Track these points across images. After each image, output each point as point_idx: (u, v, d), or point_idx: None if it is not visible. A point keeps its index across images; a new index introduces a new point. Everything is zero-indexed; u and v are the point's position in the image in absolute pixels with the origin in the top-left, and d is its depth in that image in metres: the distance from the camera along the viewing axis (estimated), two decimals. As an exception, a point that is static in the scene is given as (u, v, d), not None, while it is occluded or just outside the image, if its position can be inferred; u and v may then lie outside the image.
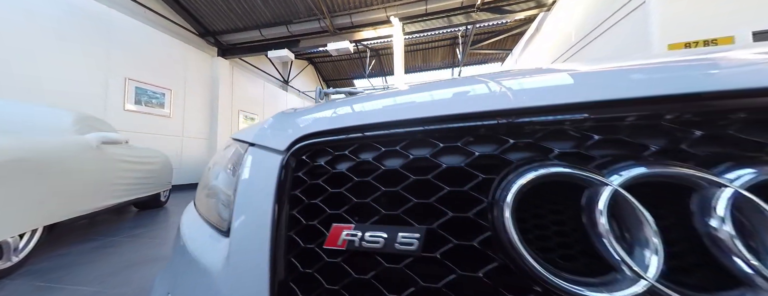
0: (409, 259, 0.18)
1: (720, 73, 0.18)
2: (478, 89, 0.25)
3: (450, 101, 0.23)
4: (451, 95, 0.24)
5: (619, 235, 0.14)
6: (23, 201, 1.13)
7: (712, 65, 0.20)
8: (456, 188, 0.18)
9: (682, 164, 0.14)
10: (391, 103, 0.27)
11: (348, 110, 0.27)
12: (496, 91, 0.23)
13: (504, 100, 0.20)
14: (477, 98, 0.23)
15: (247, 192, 0.25)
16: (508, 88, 0.23)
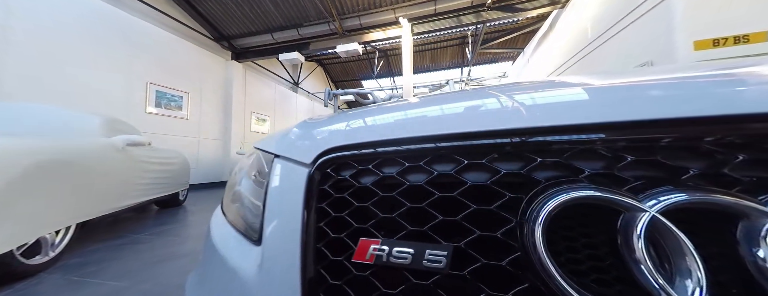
0: (436, 276, 0.18)
1: (758, 91, 0.18)
2: (501, 104, 0.25)
3: (474, 117, 0.23)
4: (474, 111, 0.25)
5: (658, 262, 0.14)
6: (60, 199, 1.21)
7: (746, 82, 0.20)
8: (483, 207, 0.19)
9: (724, 191, 0.14)
10: (414, 117, 0.27)
11: (371, 123, 0.28)
12: (520, 107, 0.23)
13: (530, 117, 0.21)
14: (501, 113, 0.23)
15: (276, 204, 0.26)
16: (534, 104, 0.23)
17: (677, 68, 0.31)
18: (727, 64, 0.28)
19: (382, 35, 4.82)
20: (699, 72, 0.24)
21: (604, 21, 2.78)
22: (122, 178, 1.71)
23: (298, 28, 5.20)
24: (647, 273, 0.13)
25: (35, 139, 1.15)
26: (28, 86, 2.75)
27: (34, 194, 1.07)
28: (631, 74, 0.28)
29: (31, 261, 1.14)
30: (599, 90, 0.23)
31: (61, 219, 1.24)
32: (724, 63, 0.31)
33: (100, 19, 3.43)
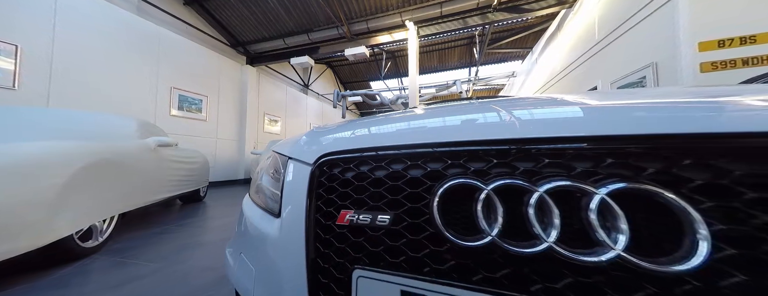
0: (382, 230, 0.30)
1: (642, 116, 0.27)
2: (427, 123, 0.37)
3: (417, 133, 0.36)
4: (417, 128, 0.37)
5: (545, 218, 0.24)
6: (106, 193, 1.42)
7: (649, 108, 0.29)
8: (414, 190, 0.30)
9: (577, 179, 0.24)
10: (377, 132, 0.40)
11: (352, 135, 0.41)
12: (437, 126, 0.35)
13: (450, 133, 0.32)
14: (431, 130, 0.35)
15: (290, 191, 0.39)
16: (455, 123, 0.34)
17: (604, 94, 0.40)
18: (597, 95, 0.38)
19: (389, 38, 4.94)
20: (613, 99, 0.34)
21: (610, 21, 2.76)
22: (154, 175, 1.93)
23: (308, 33, 5.41)
24: (535, 222, 0.24)
25: (86, 142, 1.36)
26: (75, 89, 3.09)
27: (86, 189, 1.27)
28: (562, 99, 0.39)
29: (86, 244, 1.35)
30: (516, 113, 0.33)
31: (107, 210, 1.45)
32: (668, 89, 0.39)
33: (131, 29, 3.77)
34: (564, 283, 0.23)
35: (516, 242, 0.25)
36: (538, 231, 0.24)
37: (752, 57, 1.73)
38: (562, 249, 0.23)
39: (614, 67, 2.71)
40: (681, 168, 0.22)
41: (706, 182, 0.21)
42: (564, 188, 0.24)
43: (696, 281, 0.20)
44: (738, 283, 0.19)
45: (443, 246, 0.27)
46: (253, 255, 0.41)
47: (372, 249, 0.30)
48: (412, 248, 0.29)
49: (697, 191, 0.21)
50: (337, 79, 10.20)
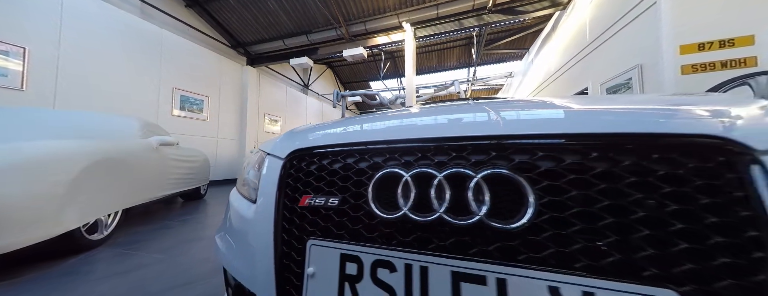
0: (332, 211, 0.38)
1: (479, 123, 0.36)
2: (378, 125, 0.45)
3: (368, 133, 0.44)
4: (369, 128, 0.45)
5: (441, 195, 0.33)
6: (111, 190, 1.51)
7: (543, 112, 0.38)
8: (359, 179, 0.38)
9: (464, 167, 0.32)
10: (334, 132, 0.48)
11: (314, 135, 0.49)
12: (382, 128, 0.43)
13: (389, 134, 0.40)
14: (382, 130, 0.43)
15: (266, 180, 0.47)
16: (396, 125, 0.42)
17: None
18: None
19: (387, 39, 5.01)
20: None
21: (600, 24, 2.82)
22: (156, 173, 2.02)
23: (307, 34, 5.50)
24: (434, 199, 0.32)
25: (92, 141, 1.45)
26: (80, 90, 3.20)
27: (92, 185, 1.36)
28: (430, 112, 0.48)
29: (92, 236, 1.44)
30: (442, 117, 0.42)
31: (112, 205, 1.54)
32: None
33: (134, 31, 3.87)
34: (450, 242, 0.32)
35: (421, 214, 0.32)
36: (436, 205, 0.32)
37: (731, 60, 1.79)
38: (449, 218, 0.31)
39: (604, 69, 2.76)
40: (528, 159, 0.30)
41: (539, 170, 0.30)
42: (456, 173, 0.32)
43: (523, 233, 0.29)
44: (548, 236, 0.29)
45: (374, 220, 0.35)
46: (234, 234, 0.49)
47: (323, 224, 0.38)
48: (352, 222, 0.37)
49: (533, 176, 0.30)
50: (337, 79, 10.28)
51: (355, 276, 0.33)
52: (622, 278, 0.25)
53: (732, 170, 0.25)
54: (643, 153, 0.27)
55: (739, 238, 0.23)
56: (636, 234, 0.26)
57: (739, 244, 0.23)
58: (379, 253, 0.33)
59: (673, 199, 0.25)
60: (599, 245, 0.26)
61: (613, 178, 0.27)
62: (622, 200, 0.27)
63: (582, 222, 0.27)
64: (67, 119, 1.76)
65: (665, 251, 0.25)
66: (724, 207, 0.24)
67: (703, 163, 0.26)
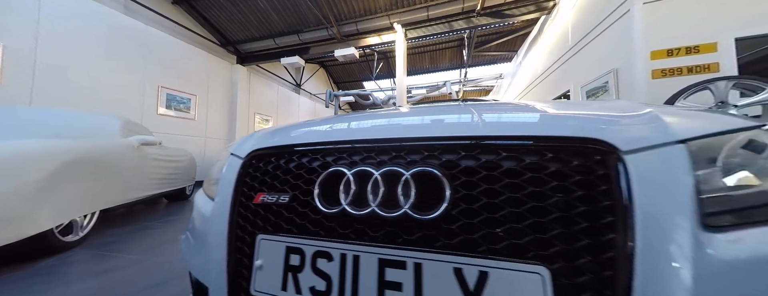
0: (283, 207, 0.41)
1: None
2: (317, 128, 0.49)
3: (312, 134, 0.47)
4: (314, 130, 0.48)
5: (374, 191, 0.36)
6: (86, 190, 1.48)
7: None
8: (310, 177, 0.41)
9: (390, 164, 0.36)
10: (287, 134, 0.51)
11: (272, 136, 0.51)
12: (331, 129, 0.46)
13: (340, 135, 0.43)
14: (325, 132, 0.47)
15: (225, 179, 0.49)
16: (344, 127, 0.45)
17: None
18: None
19: (378, 40, 5.04)
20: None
21: (581, 28, 2.93)
22: (137, 173, 1.99)
23: (298, 33, 5.47)
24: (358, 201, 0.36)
25: (66, 141, 1.42)
26: (59, 87, 3.09)
27: (66, 185, 1.33)
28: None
29: (66, 238, 1.41)
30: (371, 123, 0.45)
31: (87, 206, 1.51)
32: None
33: (118, 28, 3.77)
34: (382, 232, 0.35)
35: (359, 208, 0.35)
36: (371, 200, 0.35)
37: (696, 65, 1.90)
38: (381, 211, 0.34)
39: (584, 72, 2.87)
40: (451, 159, 0.34)
41: (458, 168, 0.33)
42: (391, 171, 0.35)
43: (438, 223, 0.33)
44: (460, 225, 0.32)
45: (318, 215, 0.38)
46: (195, 233, 0.51)
47: (274, 219, 0.40)
48: (299, 217, 0.39)
49: (452, 173, 0.33)
50: (331, 79, 10.24)
51: (297, 267, 0.36)
52: (511, 258, 0.28)
53: (603, 167, 0.29)
54: (540, 153, 0.31)
55: (598, 223, 0.27)
56: (525, 222, 0.29)
57: (597, 228, 0.27)
58: (319, 245, 0.36)
59: (557, 192, 0.29)
60: (497, 232, 0.30)
61: (513, 175, 0.31)
62: (518, 193, 0.30)
63: (487, 212, 0.31)
64: (41, 117, 1.72)
65: (545, 235, 0.29)
66: (593, 198, 0.28)
67: (583, 161, 0.30)
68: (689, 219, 0.26)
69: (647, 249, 0.25)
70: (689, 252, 0.24)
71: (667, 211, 0.26)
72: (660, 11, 1.99)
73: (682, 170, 0.28)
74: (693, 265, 0.24)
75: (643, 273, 0.25)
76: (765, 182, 0.30)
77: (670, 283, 0.24)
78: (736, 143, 0.32)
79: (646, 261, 0.25)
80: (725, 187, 0.29)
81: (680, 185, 0.27)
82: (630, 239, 0.26)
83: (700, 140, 0.31)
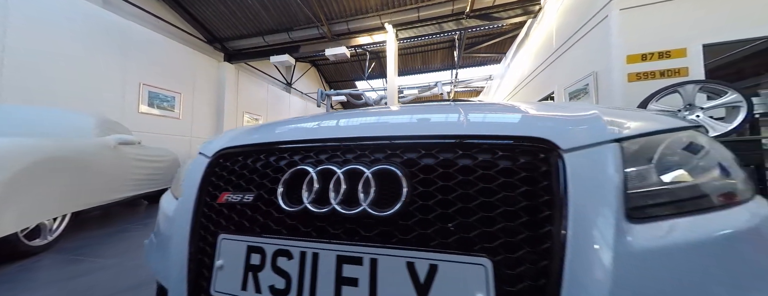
0: (247, 206, 0.40)
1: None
2: (278, 128, 0.49)
3: (271, 134, 0.47)
4: (272, 131, 0.49)
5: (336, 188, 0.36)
6: (56, 192, 1.41)
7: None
8: (275, 176, 0.41)
9: (354, 162, 0.36)
10: (261, 133, 0.50)
11: (238, 136, 0.51)
12: (296, 128, 0.47)
13: (306, 134, 0.43)
14: (285, 132, 0.47)
15: (189, 178, 0.48)
16: (309, 127, 0.45)
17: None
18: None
19: (369, 40, 5.04)
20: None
21: (564, 32, 3.03)
22: (113, 174, 1.90)
23: (288, 31, 5.39)
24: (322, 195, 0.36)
25: (36, 139, 1.35)
26: (32, 84, 2.92)
27: (34, 186, 1.26)
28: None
29: (33, 242, 1.34)
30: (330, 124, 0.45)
31: (57, 209, 1.43)
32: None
33: (95, 22, 3.60)
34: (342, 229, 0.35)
35: (320, 206, 0.35)
36: (332, 199, 0.35)
37: (668, 70, 2.00)
38: (341, 209, 0.34)
39: (567, 75, 2.97)
40: (411, 157, 0.34)
41: (415, 166, 0.34)
42: (353, 170, 0.36)
43: (395, 219, 0.33)
44: (415, 221, 0.33)
45: (281, 214, 0.38)
46: (158, 234, 0.49)
47: (237, 219, 0.40)
48: (263, 216, 0.39)
49: (409, 171, 0.34)
50: (323, 78, 10.15)
51: (258, 266, 0.36)
52: (459, 251, 0.30)
53: (546, 164, 0.30)
54: (492, 151, 0.33)
55: (537, 217, 0.29)
56: (474, 217, 0.30)
57: (536, 221, 0.29)
58: (280, 243, 0.36)
59: (504, 188, 0.31)
60: (449, 227, 0.31)
61: (465, 172, 0.32)
62: (470, 190, 0.32)
63: (440, 208, 0.32)
64: (7, 113, 1.62)
65: (491, 229, 0.30)
66: (535, 193, 0.30)
67: (530, 159, 0.31)
68: (614, 211, 0.28)
69: (576, 239, 0.27)
70: (611, 241, 0.26)
71: (596, 204, 0.28)
72: (635, 18, 2.09)
73: (613, 167, 0.30)
74: (614, 252, 0.26)
75: (572, 261, 0.26)
76: (695, 179, 0.32)
77: (594, 269, 0.26)
78: (672, 143, 0.35)
79: (575, 250, 0.27)
80: (656, 182, 0.31)
81: (609, 181, 0.29)
82: (563, 230, 0.28)
83: (634, 139, 0.33)
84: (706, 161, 0.34)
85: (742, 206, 0.32)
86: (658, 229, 0.28)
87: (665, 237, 0.27)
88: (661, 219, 0.29)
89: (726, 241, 0.28)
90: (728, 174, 0.34)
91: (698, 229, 0.28)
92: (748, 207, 0.32)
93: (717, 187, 0.33)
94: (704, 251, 0.27)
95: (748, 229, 0.30)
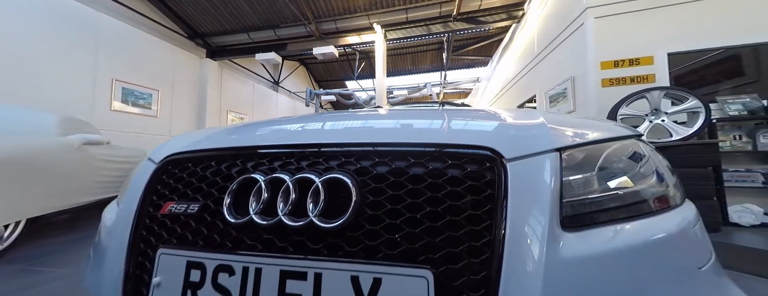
0: (191, 217, 0.38)
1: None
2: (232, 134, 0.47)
3: (220, 140, 0.45)
4: (236, 136, 0.46)
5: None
6: (8, 196, 1.29)
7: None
8: (224, 184, 0.38)
9: (303, 171, 0.35)
10: (211, 138, 0.48)
11: (193, 140, 0.48)
12: (251, 134, 0.45)
13: (258, 140, 0.41)
14: (234, 138, 0.45)
15: (132, 186, 0.44)
16: (266, 132, 0.44)
17: None
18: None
19: (358, 39, 5.01)
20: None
21: (545, 37, 3.14)
22: (78, 176, 1.77)
23: (275, 29, 5.25)
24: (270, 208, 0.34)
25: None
26: (-22, 81, 2.67)
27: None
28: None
29: (-21, 252, 1.22)
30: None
31: (8, 215, 1.32)
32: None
33: (62, 14, 3.35)
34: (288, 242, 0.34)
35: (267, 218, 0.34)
36: (280, 210, 0.34)
37: (637, 76, 2.12)
38: (287, 220, 0.33)
39: (548, 79, 3.08)
40: (357, 165, 0.33)
41: (366, 175, 0.32)
42: (303, 179, 0.34)
43: (343, 231, 0.33)
44: (363, 232, 0.32)
45: (227, 226, 0.36)
46: (97, 244, 0.46)
47: (180, 231, 0.38)
48: (207, 228, 0.37)
49: (361, 180, 0.32)
50: (312, 77, 9.98)
51: (197, 283, 0.34)
52: (403, 263, 0.29)
53: (491, 173, 0.31)
54: (441, 160, 0.32)
55: (479, 226, 0.29)
56: (420, 227, 0.30)
57: (477, 231, 0.29)
58: (222, 258, 0.34)
59: (449, 197, 0.31)
60: (396, 238, 0.30)
61: (413, 181, 0.32)
62: (418, 199, 0.31)
63: (388, 218, 0.32)
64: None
65: (434, 239, 0.30)
66: (478, 203, 0.30)
67: (476, 168, 0.31)
68: (548, 220, 0.28)
69: (512, 248, 0.27)
70: (544, 249, 0.27)
71: (533, 213, 0.28)
72: (609, 26, 2.19)
73: (551, 176, 0.30)
74: (546, 261, 0.26)
75: (507, 271, 0.27)
76: (633, 187, 0.34)
77: (527, 278, 0.26)
78: (614, 151, 0.36)
79: (511, 260, 0.27)
80: (595, 190, 0.32)
81: (546, 189, 0.30)
82: (501, 239, 0.28)
83: (575, 148, 0.33)
84: (644, 169, 0.36)
85: (673, 211, 0.34)
86: (592, 236, 0.28)
87: (599, 243, 0.28)
88: (597, 226, 0.29)
89: (658, 245, 0.29)
90: (663, 181, 0.35)
91: (631, 235, 0.29)
92: (678, 211, 0.34)
93: (652, 193, 0.34)
94: (637, 255, 0.28)
95: (678, 232, 0.31)
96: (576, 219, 0.30)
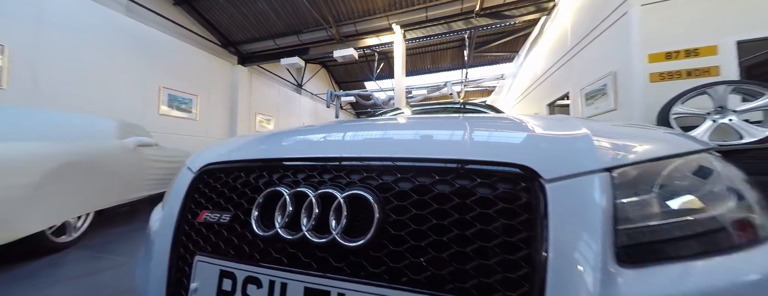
0: (223, 227, 0.41)
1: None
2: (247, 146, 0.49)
3: (253, 151, 0.47)
4: (253, 147, 0.48)
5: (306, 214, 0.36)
6: (80, 192, 1.51)
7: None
8: (253, 196, 0.41)
9: (325, 185, 0.36)
10: (244, 148, 0.50)
11: (228, 149, 0.51)
12: (283, 145, 0.46)
13: (288, 151, 0.42)
14: (265, 149, 0.47)
15: (173, 194, 0.49)
16: (294, 144, 0.45)
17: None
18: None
19: (377, 41, 5.03)
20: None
21: (580, 30, 2.87)
22: (133, 174, 2.02)
23: (298, 34, 5.48)
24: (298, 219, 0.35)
25: (60, 143, 1.45)
26: (61, 89, 3.16)
27: (59, 187, 1.36)
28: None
29: (59, 239, 1.45)
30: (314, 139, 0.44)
31: (81, 207, 1.54)
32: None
33: (120, 29, 3.84)
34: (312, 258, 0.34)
35: (292, 232, 0.35)
36: (303, 225, 0.34)
37: (695, 69, 1.85)
38: (310, 236, 0.33)
39: (583, 75, 2.81)
40: (379, 181, 0.33)
41: (389, 192, 0.32)
42: (325, 194, 0.35)
43: (365, 251, 0.32)
44: (387, 253, 0.32)
45: (255, 238, 0.38)
46: (146, 244, 0.51)
47: (214, 240, 0.40)
48: (238, 239, 0.39)
49: (383, 197, 0.32)
50: (332, 78, 10.26)
51: (228, 292, 0.36)
52: (430, 290, 0.28)
53: (527, 195, 0.28)
54: (470, 178, 0.30)
55: (515, 256, 0.26)
56: (447, 251, 0.29)
57: (513, 261, 0.26)
58: (250, 270, 0.36)
59: (480, 221, 0.29)
60: (421, 261, 0.29)
61: (440, 201, 0.31)
62: (444, 220, 0.30)
63: (412, 239, 0.30)
64: (36, 119, 1.75)
65: (463, 267, 0.28)
66: (513, 229, 0.27)
67: (509, 188, 0.29)
68: (600, 254, 0.24)
69: (556, 285, 0.24)
70: (598, 290, 0.23)
71: (579, 244, 0.25)
72: (658, 13, 1.94)
73: (601, 201, 0.26)
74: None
75: None
76: (705, 214, 0.28)
77: None
78: (677, 170, 0.30)
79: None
80: (655, 215, 0.27)
81: (596, 217, 0.26)
82: (542, 274, 0.25)
83: (629, 167, 0.29)
84: (718, 192, 0.30)
85: (764, 246, 0.27)
86: (657, 274, 0.24)
87: (668, 284, 0.23)
88: (654, 263, 0.25)
89: (751, 289, 0.23)
90: (747, 208, 0.29)
91: (711, 275, 0.24)
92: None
93: (733, 220, 0.28)
94: None
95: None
96: (635, 252, 0.25)
